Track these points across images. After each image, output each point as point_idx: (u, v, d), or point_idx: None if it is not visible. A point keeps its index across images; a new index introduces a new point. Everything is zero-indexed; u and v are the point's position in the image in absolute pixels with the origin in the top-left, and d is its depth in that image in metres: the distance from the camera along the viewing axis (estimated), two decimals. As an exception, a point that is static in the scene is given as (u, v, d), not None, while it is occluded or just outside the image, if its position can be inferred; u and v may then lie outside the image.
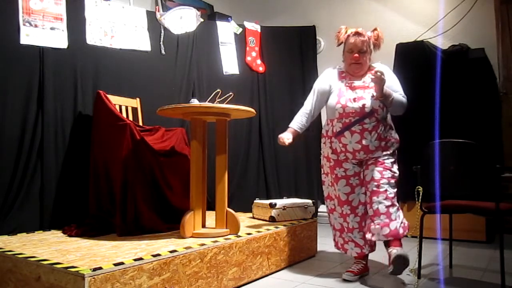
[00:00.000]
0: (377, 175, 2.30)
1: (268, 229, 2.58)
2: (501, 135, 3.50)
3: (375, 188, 2.29)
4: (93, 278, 1.59)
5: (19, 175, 2.64)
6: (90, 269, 1.63)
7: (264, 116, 4.21)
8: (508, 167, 3.36)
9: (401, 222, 2.28)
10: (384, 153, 2.32)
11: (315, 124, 4.40)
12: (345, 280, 2.35)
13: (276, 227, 2.65)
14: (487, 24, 3.74)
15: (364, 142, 2.30)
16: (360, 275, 2.40)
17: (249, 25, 4.23)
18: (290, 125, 2.55)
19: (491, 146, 3.35)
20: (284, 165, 4.24)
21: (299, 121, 2.55)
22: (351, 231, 2.39)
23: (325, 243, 3.31)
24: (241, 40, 4.15)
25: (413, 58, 3.74)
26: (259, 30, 4.28)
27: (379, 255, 2.43)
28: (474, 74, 3.57)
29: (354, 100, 2.33)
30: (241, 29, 4.16)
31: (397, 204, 2.30)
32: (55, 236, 2.47)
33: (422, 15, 4.10)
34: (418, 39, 3.92)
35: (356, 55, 2.33)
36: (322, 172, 2.54)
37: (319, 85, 2.52)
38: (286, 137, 2.49)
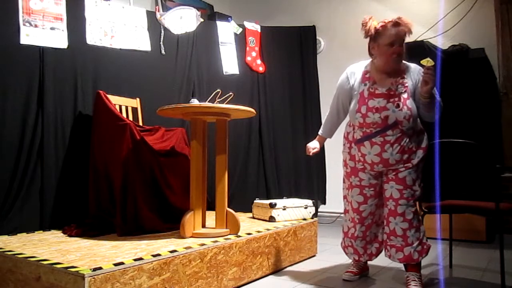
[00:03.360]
0: (396, 194, 2.15)
1: (268, 229, 2.57)
2: (501, 135, 3.50)
3: (393, 208, 2.16)
4: (93, 278, 1.59)
5: (19, 175, 2.64)
6: (90, 269, 1.63)
7: (264, 116, 4.21)
8: (508, 167, 3.36)
9: (418, 245, 2.14)
10: (406, 165, 2.14)
11: (315, 123, 4.42)
12: (345, 281, 2.35)
13: (276, 227, 2.65)
14: (487, 24, 3.75)
15: (384, 155, 2.12)
16: (360, 275, 2.40)
17: (249, 25, 4.23)
18: (318, 132, 2.50)
19: (491, 146, 3.35)
20: (284, 165, 4.24)
21: (324, 126, 2.48)
22: (355, 239, 2.33)
23: (325, 243, 3.31)
24: (241, 40, 4.15)
25: (413, 58, 3.73)
26: (259, 30, 4.28)
27: (379, 255, 2.42)
28: (474, 74, 3.57)
29: (376, 110, 2.11)
30: (241, 29, 4.16)
31: (416, 224, 2.15)
32: (55, 236, 2.47)
33: (422, 15, 4.10)
34: (418, 39, 3.92)
35: (398, 47, 2.08)
36: (343, 171, 2.42)
37: (340, 85, 2.32)
38: (311, 147, 2.44)
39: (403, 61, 2.19)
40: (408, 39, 2.55)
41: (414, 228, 2.15)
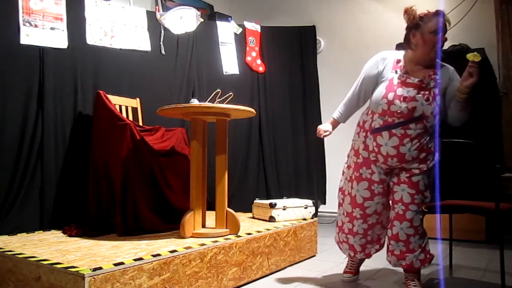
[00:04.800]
0: (407, 198, 2.06)
1: (268, 229, 2.57)
2: (501, 135, 3.50)
3: (401, 212, 2.07)
4: (93, 278, 1.59)
5: (19, 175, 2.64)
6: (90, 269, 1.63)
7: (264, 116, 4.21)
8: (508, 167, 3.36)
9: (420, 253, 2.08)
10: (420, 166, 2.05)
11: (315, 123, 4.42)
12: (345, 282, 2.34)
13: (276, 227, 2.65)
14: (487, 24, 3.75)
15: (401, 149, 2.01)
16: (358, 273, 2.38)
17: (249, 25, 4.23)
18: (333, 116, 2.32)
19: (491, 146, 3.36)
20: (284, 165, 4.24)
21: (340, 109, 2.29)
22: (353, 235, 2.21)
23: (325, 243, 3.31)
24: (241, 40, 4.15)
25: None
26: (259, 30, 4.28)
27: (380, 253, 2.41)
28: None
29: (404, 99, 1.99)
30: (241, 29, 4.16)
31: (421, 231, 2.10)
32: (55, 236, 2.47)
33: (422, 15, 4.10)
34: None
35: (443, 36, 2.00)
36: (346, 162, 2.29)
37: (366, 70, 2.18)
38: (323, 129, 2.27)
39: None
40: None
41: (418, 235, 2.09)
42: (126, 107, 3.15)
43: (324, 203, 4.39)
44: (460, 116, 2.09)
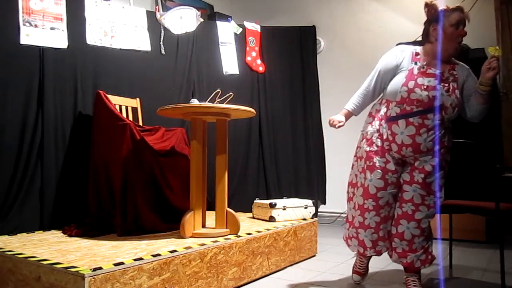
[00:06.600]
0: (417, 199, 2.05)
1: (268, 229, 2.57)
2: (501, 135, 3.50)
3: (410, 212, 2.05)
4: (93, 278, 1.59)
5: (19, 175, 2.64)
6: (90, 269, 1.63)
7: (264, 116, 4.21)
8: (508, 167, 3.36)
9: (422, 254, 2.07)
10: (433, 159, 2.03)
11: (315, 123, 4.42)
12: (344, 280, 2.34)
13: (276, 227, 2.65)
14: (487, 24, 3.74)
15: (417, 139, 1.99)
16: (367, 273, 2.33)
17: (249, 25, 4.23)
18: (347, 107, 2.25)
19: (491, 146, 3.36)
20: (284, 165, 4.24)
21: (354, 101, 2.23)
22: (364, 228, 2.11)
23: (325, 243, 3.31)
24: (241, 40, 4.15)
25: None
26: (259, 30, 4.28)
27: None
28: (474, 74, 3.57)
29: (425, 88, 1.99)
30: (241, 29, 4.16)
31: (426, 233, 2.08)
32: (55, 236, 2.47)
33: (422, 15, 4.09)
34: (418, 39, 3.92)
35: (463, 30, 2.00)
36: (355, 155, 2.24)
37: (385, 61, 2.15)
38: (338, 119, 2.19)
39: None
40: (408, 39, 2.52)
41: (423, 236, 2.08)
42: (126, 107, 3.15)
43: (324, 203, 4.39)
44: (481, 110, 2.06)
